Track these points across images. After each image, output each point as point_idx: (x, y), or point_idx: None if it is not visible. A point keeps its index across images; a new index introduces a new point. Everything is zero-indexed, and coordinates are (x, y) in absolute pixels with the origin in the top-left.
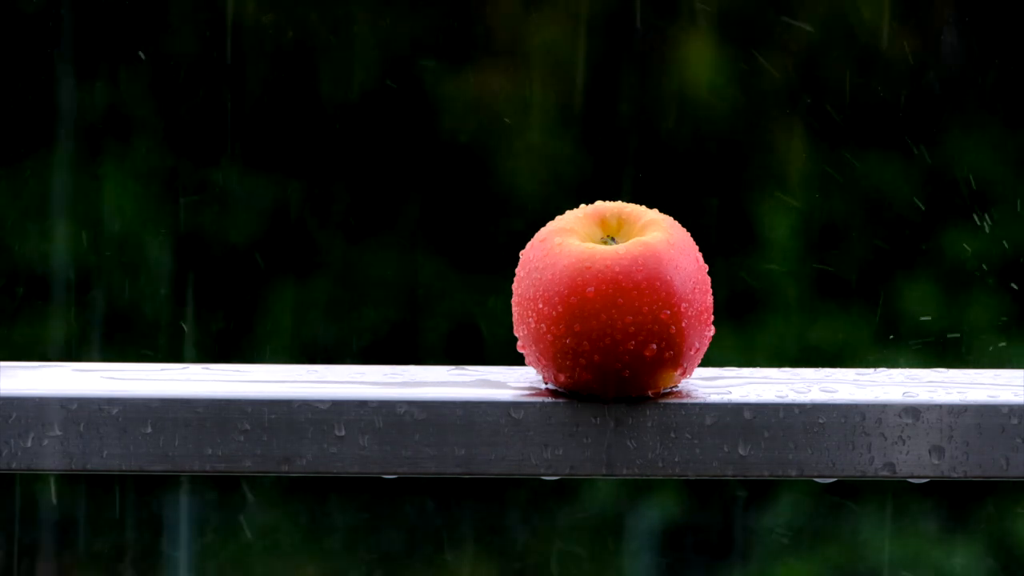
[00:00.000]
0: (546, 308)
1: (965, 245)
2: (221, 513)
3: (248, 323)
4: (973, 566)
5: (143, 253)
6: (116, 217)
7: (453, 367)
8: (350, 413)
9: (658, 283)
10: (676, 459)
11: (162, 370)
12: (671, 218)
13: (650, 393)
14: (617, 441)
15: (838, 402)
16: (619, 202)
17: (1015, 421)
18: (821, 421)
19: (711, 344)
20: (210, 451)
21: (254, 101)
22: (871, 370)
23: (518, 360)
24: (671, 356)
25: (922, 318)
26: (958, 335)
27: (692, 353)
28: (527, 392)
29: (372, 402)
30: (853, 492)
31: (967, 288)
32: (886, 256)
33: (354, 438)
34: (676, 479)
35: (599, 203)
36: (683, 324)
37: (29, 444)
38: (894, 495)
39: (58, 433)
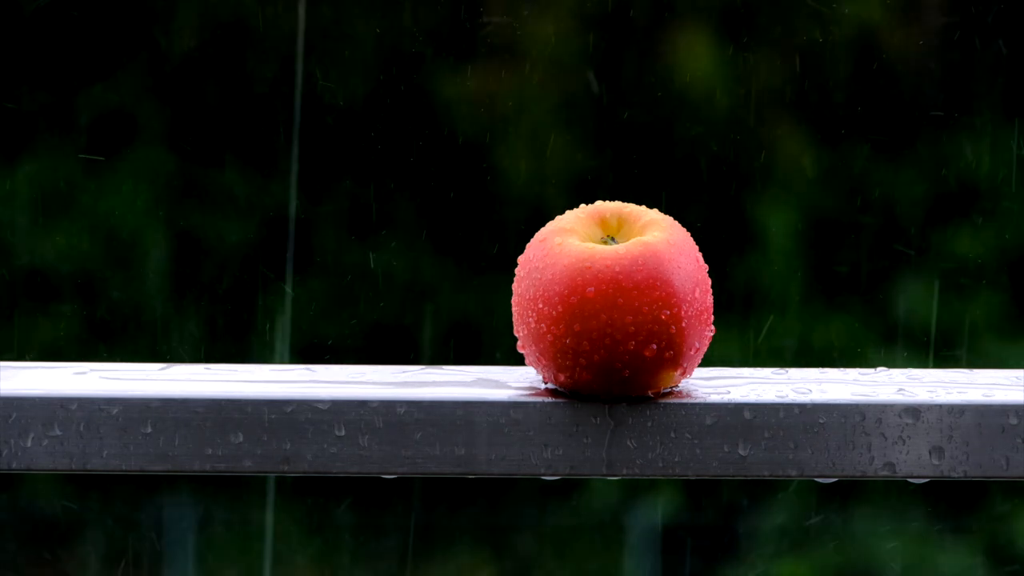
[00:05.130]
0: (546, 308)
1: (965, 245)
2: (221, 512)
3: (248, 323)
4: (972, 566)
5: (143, 253)
6: (116, 217)
7: (453, 367)
8: (350, 413)
9: (658, 283)
10: (676, 459)
11: (162, 370)
12: (671, 218)
13: (650, 393)
14: (617, 441)
15: (838, 402)
16: (619, 202)
17: (1015, 421)
18: (821, 421)
19: (712, 344)
20: (210, 451)
21: (254, 100)
22: (871, 370)
23: (518, 360)
24: (671, 356)
25: (922, 318)
26: (958, 335)
27: (692, 353)
28: (527, 392)
29: (372, 402)
30: (853, 492)
31: (967, 288)
32: (886, 256)
33: (354, 438)
34: (676, 479)
35: (599, 203)
36: (683, 324)
37: (29, 444)
38: (894, 495)
39: (58, 433)
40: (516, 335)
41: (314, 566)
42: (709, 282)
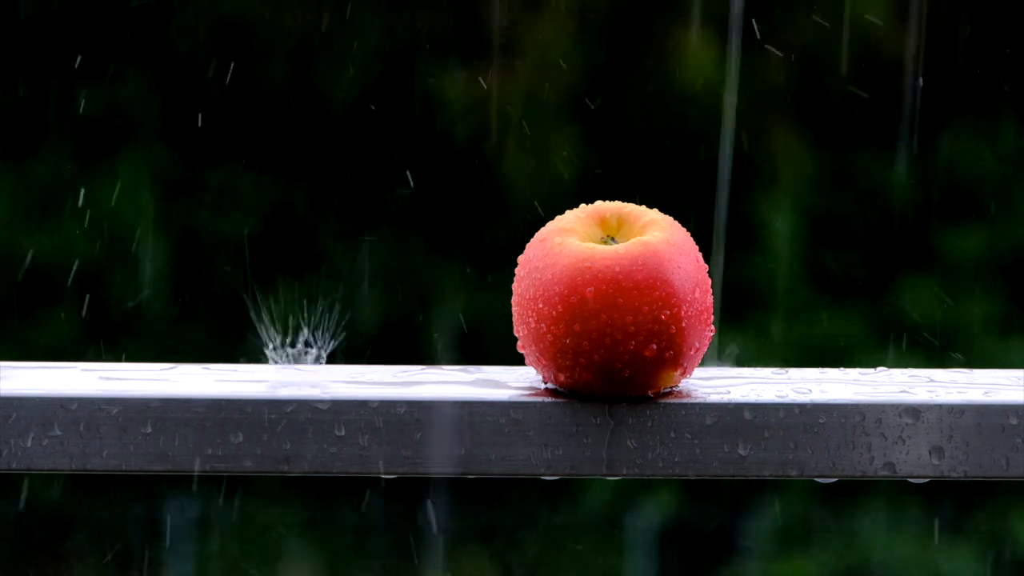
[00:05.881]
0: (546, 308)
1: (965, 245)
2: (221, 512)
3: (248, 322)
4: (972, 566)
5: (143, 253)
6: (116, 216)
7: (453, 367)
8: (350, 413)
9: (658, 283)
10: (676, 459)
11: (162, 370)
12: (671, 218)
13: (650, 393)
14: (617, 441)
15: (838, 402)
16: (619, 202)
17: (1015, 421)
18: (821, 421)
19: (711, 344)
20: (210, 451)
21: (254, 100)
22: (871, 370)
23: (518, 360)
24: (671, 356)
25: (922, 318)
26: (958, 335)
27: (692, 353)
28: (527, 392)
29: (372, 402)
30: (853, 492)
31: (967, 288)
32: (886, 256)
33: (354, 438)
34: (676, 479)
35: (599, 203)
36: (683, 324)
37: (29, 444)
38: (893, 495)
39: (58, 433)
40: (516, 335)
41: (313, 566)
42: (709, 282)
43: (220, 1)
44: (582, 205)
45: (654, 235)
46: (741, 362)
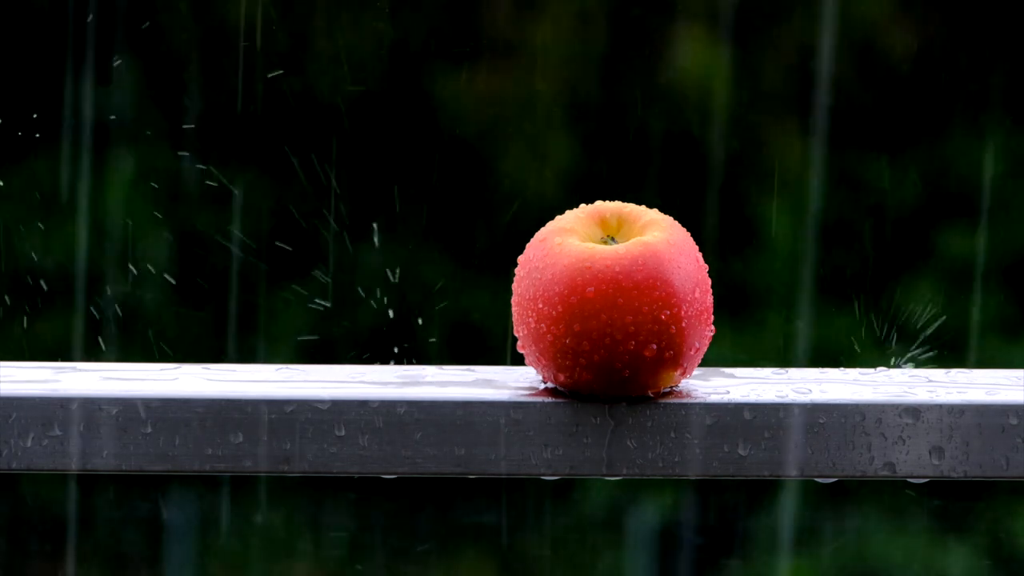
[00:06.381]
0: (546, 308)
1: (965, 245)
2: (221, 512)
3: (248, 323)
4: (972, 566)
5: (143, 253)
6: (117, 217)
7: (453, 367)
8: (350, 413)
9: (658, 283)
10: (676, 459)
11: (162, 370)
12: (671, 218)
13: (650, 393)
14: (617, 441)
15: (838, 402)
16: (619, 202)
17: (1015, 421)
18: (821, 421)
19: (711, 344)
20: (210, 451)
21: (254, 100)
22: (871, 370)
23: (518, 360)
24: (671, 356)
25: (922, 318)
26: (959, 336)
27: (692, 353)
28: (527, 392)
29: (372, 402)
30: (853, 492)
31: (967, 288)
32: (886, 256)
33: (354, 438)
34: (676, 479)
35: (599, 203)
36: (683, 324)
37: (29, 444)
38: (893, 495)
39: (58, 433)
40: (516, 335)
41: (313, 566)
42: (709, 282)
43: (219, 0)
44: (582, 205)
45: (654, 235)
46: (741, 363)
